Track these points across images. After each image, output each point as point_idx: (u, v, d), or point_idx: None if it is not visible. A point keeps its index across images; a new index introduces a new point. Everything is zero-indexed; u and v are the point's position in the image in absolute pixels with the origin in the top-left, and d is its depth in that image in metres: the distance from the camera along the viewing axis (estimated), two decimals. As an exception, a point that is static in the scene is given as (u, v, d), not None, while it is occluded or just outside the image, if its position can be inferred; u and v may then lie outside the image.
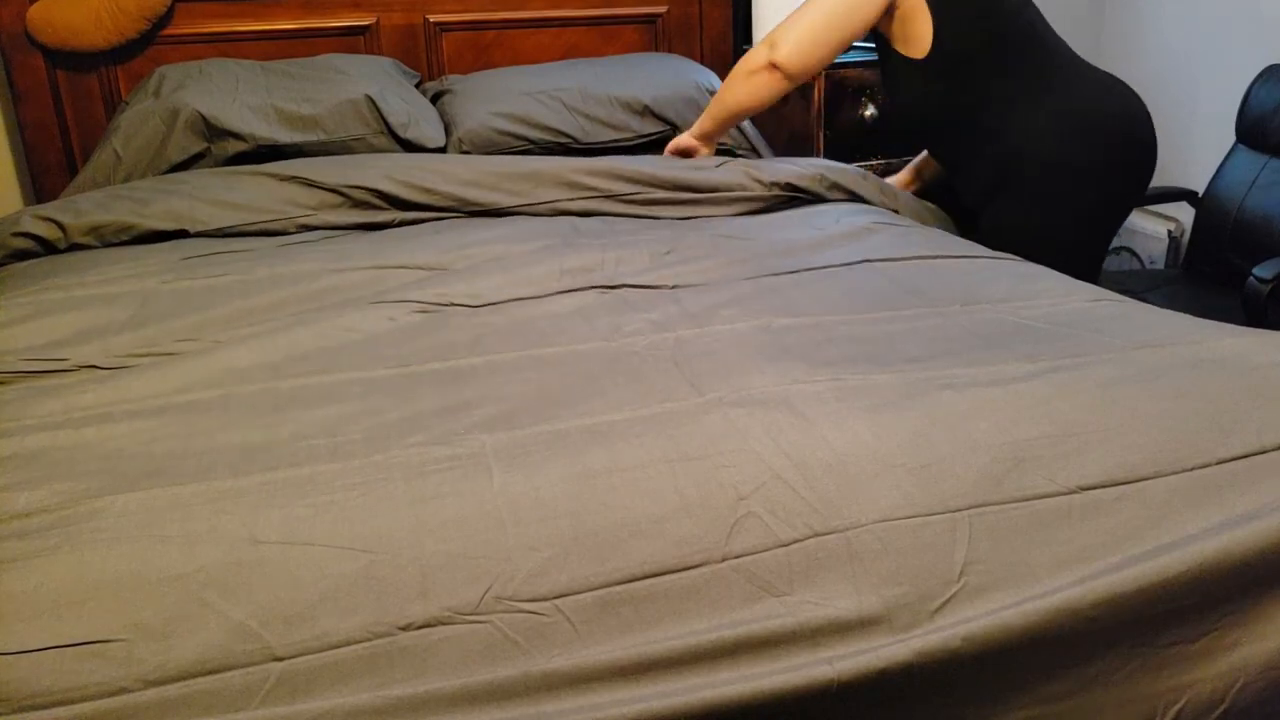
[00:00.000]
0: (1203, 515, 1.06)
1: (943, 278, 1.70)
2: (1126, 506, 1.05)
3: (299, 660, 0.88)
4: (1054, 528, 1.02)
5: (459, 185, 2.09)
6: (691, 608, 0.95)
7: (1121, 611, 0.96)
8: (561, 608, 0.93)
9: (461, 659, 0.89)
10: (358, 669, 0.88)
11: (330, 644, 0.89)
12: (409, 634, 0.90)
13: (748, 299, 1.60)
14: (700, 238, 1.93)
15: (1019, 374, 1.26)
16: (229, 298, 1.65)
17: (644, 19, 2.96)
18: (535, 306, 1.60)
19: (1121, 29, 3.35)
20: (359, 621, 0.91)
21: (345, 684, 0.88)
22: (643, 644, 0.92)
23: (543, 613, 0.92)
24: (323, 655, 0.89)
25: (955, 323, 1.47)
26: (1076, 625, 0.94)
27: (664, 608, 0.94)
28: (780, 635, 0.94)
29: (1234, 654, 0.97)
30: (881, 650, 0.91)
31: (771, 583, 0.96)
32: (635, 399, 1.22)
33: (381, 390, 1.30)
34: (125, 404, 1.29)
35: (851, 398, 1.20)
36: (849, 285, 1.66)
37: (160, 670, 0.87)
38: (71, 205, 2.04)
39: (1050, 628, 0.94)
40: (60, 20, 2.43)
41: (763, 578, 0.97)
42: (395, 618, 0.91)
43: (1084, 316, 1.49)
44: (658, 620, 0.93)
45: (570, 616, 0.92)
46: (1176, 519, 1.05)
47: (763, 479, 1.06)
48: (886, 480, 1.06)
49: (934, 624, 0.95)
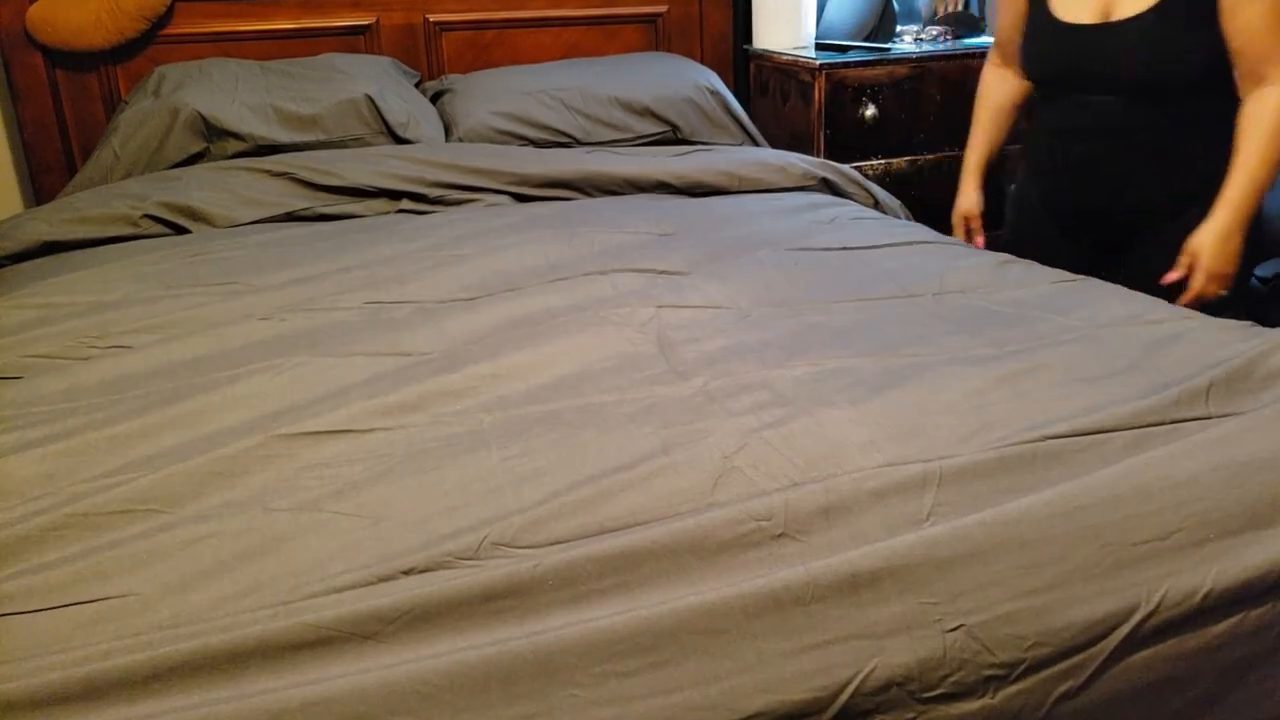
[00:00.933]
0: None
1: (915, 266, 1.76)
2: (1088, 455, 1.11)
3: (308, 602, 0.92)
4: (1019, 472, 1.09)
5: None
6: (678, 541, 0.99)
7: (1084, 520, 1.01)
8: (556, 550, 0.98)
9: (461, 591, 0.92)
10: (362, 609, 0.92)
11: (334, 587, 0.94)
12: (411, 577, 0.95)
13: (731, 288, 1.65)
14: (681, 225, 1.99)
15: (988, 355, 1.36)
16: (226, 291, 1.67)
17: (644, 19, 2.96)
18: (526, 297, 1.63)
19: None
20: (364, 568, 0.96)
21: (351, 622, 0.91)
22: (622, 542, 0.97)
23: (538, 555, 0.97)
24: (327, 598, 0.93)
25: (927, 309, 1.55)
26: (1039, 531, 0.99)
27: (653, 544, 0.98)
28: (760, 538, 0.99)
29: (1205, 548, 1.02)
30: (853, 555, 0.95)
31: (752, 511, 1.02)
32: (622, 385, 1.31)
33: (380, 377, 1.35)
34: (130, 390, 1.34)
35: (830, 379, 1.31)
36: (825, 273, 1.72)
37: (175, 619, 0.91)
38: (70, 205, 2.05)
39: (1014, 533, 0.99)
40: (60, 20, 2.43)
41: (745, 512, 1.02)
42: (399, 564, 0.97)
43: (1049, 300, 1.57)
44: (648, 555, 0.97)
45: (565, 554, 0.97)
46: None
47: (745, 442, 1.15)
48: (862, 440, 1.15)
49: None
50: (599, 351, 1.41)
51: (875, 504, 1.04)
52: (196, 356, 1.43)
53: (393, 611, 0.89)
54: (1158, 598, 0.97)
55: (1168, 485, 1.05)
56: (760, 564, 0.97)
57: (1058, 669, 0.93)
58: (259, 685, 0.84)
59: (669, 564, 0.97)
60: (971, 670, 0.91)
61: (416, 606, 0.90)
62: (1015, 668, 0.92)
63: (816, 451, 1.13)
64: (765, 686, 0.86)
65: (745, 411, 1.23)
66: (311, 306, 1.59)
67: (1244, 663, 1.01)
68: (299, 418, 1.23)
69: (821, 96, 2.68)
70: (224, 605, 0.93)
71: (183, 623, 0.91)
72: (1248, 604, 1.00)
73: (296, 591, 0.94)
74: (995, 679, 0.91)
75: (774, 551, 0.98)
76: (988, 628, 0.92)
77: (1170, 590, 0.98)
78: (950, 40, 2.97)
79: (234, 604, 0.93)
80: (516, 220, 2.03)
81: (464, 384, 1.32)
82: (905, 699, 0.89)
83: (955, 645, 0.91)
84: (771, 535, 0.99)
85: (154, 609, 0.93)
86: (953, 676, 0.90)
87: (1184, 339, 1.38)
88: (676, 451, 1.14)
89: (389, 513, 1.05)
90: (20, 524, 1.05)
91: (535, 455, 1.15)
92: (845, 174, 2.38)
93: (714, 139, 2.61)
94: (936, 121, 2.80)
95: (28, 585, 0.96)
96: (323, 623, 0.88)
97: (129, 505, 1.07)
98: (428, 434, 1.20)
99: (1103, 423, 1.16)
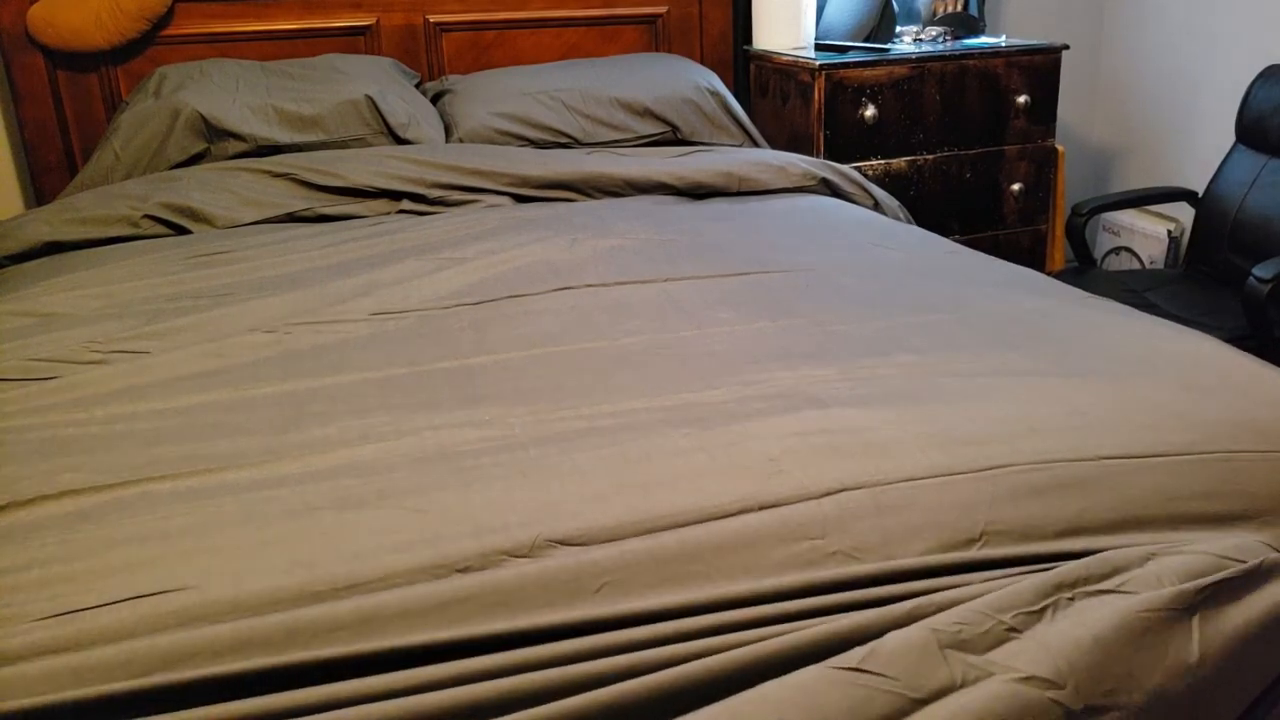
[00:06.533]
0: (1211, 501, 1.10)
1: (932, 275, 1.73)
2: (1143, 479, 1.10)
3: (366, 598, 0.92)
4: (1072, 492, 1.08)
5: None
6: (731, 546, 0.99)
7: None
8: (610, 547, 0.98)
9: (519, 590, 0.93)
10: (420, 602, 0.92)
11: (392, 583, 0.94)
12: (467, 575, 0.95)
13: (739, 298, 1.63)
14: (684, 229, 1.98)
15: (1021, 366, 1.33)
16: (234, 297, 1.66)
17: (644, 19, 2.96)
18: (531, 304, 1.62)
19: (1122, 29, 3.35)
20: (417, 563, 0.96)
21: (409, 619, 0.91)
22: (685, 576, 0.97)
23: (592, 552, 0.97)
24: (384, 595, 0.93)
25: (949, 319, 1.51)
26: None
27: (705, 545, 0.99)
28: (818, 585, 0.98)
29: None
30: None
31: (806, 527, 1.01)
32: (649, 393, 1.29)
33: (397, 387, 1.34)
34: (148, 399, 1.33)
35: (863, 386, 1.28)
36: (840, 284, 1.69)
37: (234, 607, 0.91)
38: (71, 205, 2.05)
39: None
40: (60, 20, 2.43)
41: (797, 522, 1.02)
42: (454, 560, 0.96)
43: (1075, 317, 1.53)
44: (700, 556, 0.98)
45: (620, 553, 0.97)
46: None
47: (789, 444, 1.13)
48: (909, 446, 1.12)
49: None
50: (621, 361, 1.39)
51: (927, 521, 1.03)
52: (207, 370, 1.42)
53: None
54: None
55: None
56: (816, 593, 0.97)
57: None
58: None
59: (723, 564, 0.97)
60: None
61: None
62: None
63: (863, 454, 1.11)
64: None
65: (783, 414, 1.20)
66: (316, 319, 1.57)
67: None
68: (323, 428, 1.23)
69: (821, 97, 2.69)
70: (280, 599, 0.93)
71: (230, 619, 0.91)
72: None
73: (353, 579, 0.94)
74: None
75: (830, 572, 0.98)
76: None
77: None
78: (950, 41, 2.97)
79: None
80: (517, 221, 2.02)
81: (484, 391, 1.31)
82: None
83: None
84: (826, 553, 0.99)
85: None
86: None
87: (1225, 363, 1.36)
88: (719, 453, 1.12)
89: (434, 506, 1.05)
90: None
91: (575, 455, 1.13)
92: (845, 174, 2.39)
93: (714, 139, 2.61)
94: (936, 122, 2.80)
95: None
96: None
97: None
98: (458, 436, 1.19)
99: (1154, 447, 1.14)
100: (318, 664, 0.87)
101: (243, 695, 0.85)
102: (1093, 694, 0.90)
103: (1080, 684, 0.89)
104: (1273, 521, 1.12)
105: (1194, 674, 0.95)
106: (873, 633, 0.92)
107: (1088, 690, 0.90)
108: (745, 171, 2.30)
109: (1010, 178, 2.93)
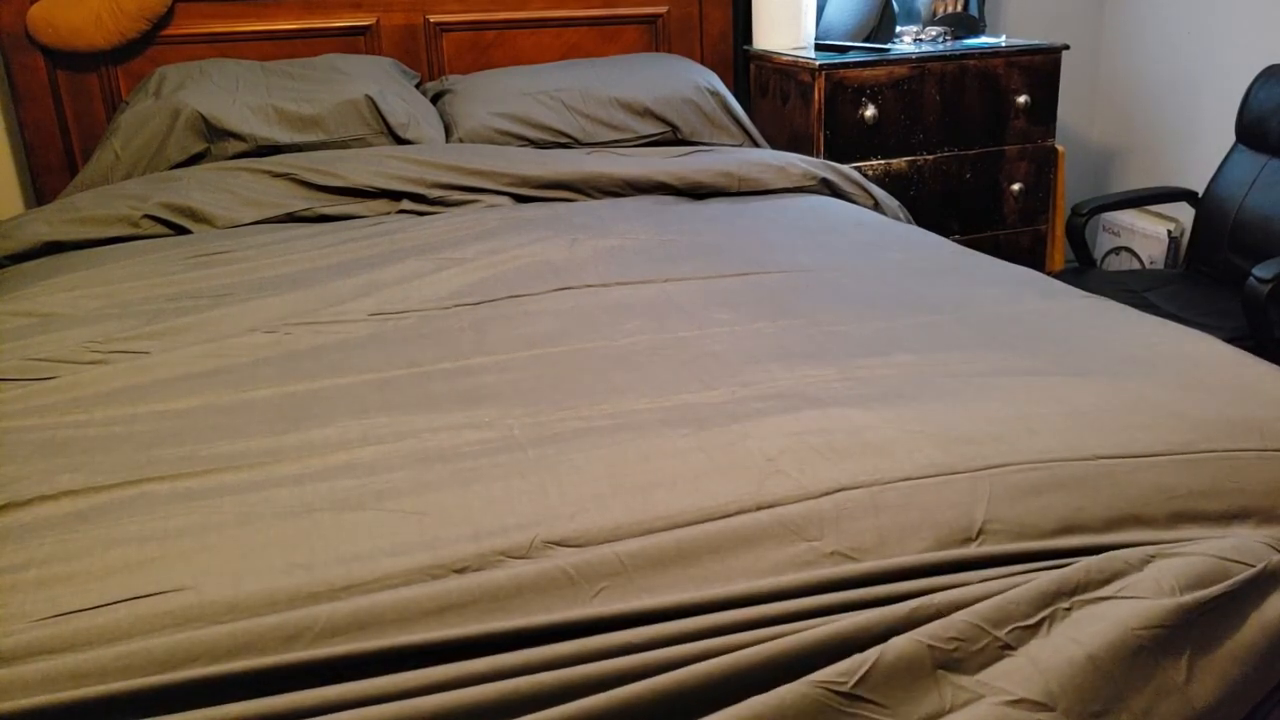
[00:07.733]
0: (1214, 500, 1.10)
1: (931, 275, 1.73)
2: (1141, 478, 1.10)
3: (364, 599, 0.92)
4: (1070, 490, 1.08)
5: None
6: (729, 547, 0.99)
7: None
8: (607, 548, 0.98)
9: (516, 592, 0.93)
10: (417, 604, 0.92)
11: (389, 585, 0.94)
12: (464, 576, 0.95)
13: (738, 298, 1.63)
14: (683, 229, 1.98)
15: (1020, 366, 1.33)
16: (233, 298, 1.66)
17: (644, 19, 2.96)
18: (531, 304, 1.62)
19: (1122, 29, 3.35)
20: (415, 564, 0.96)
21: (406, 621, 0.91)
22: (685, 579, 0.96)
23: (590, 553, 0.97)
24: (381, 595, 0.92)
25: (948, 319, 1.52)
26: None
27: (703, 546, 0.99)
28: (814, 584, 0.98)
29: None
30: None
31: (803, 528, 1.01)
32: (649, 394, 1.29)
33: (396, 388, 1.34)
34: (147, 399, 1.33)
35: (861, 386, 1.28)
36: (839, 284, 1.69)
37: (232, 608, 0.91)
38: (71, 205, 2.05)
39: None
40: (60, 20, 2.43)
41: (795, 522, 1.02)
42: (450, 561, 0.96)
43: (1075, 317, 1.53)
44: (698, 558, 0.98)
45: (616, 554, 0.97)
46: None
47: (787, 445, 1.14)
48: (906, 445, 1.12)
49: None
50: (621, 361, 1.39)
51: (924, 519, 1.03)
52: (206, 371, 1.42)
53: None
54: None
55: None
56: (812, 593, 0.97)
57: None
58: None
59: (721, 564, 0.97)
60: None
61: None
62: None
63: (861, 454, 1.12)
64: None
65: (783, 414, 1.21)
66: (316, 319, 1.58)
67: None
68: (322, 429, 1.23)
69: (821, 97, 2.68)
70: (276, 599, 0.93)
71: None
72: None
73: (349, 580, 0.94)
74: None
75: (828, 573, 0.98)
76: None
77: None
78: (950, 41, 2.97)
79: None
80: (517, 221, 2.02)
81: (483, 392, 1.31)
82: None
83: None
84: (824, 553, 1.00)
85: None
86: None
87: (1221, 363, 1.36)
88: (717, 454, 1.12)
89: (431, 508, 1.05)
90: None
91: (573, 456, 1.13)
92: (845, 174, 2.39)
93: (714, 139, 2.61)
94: (936, 122, 2.80)
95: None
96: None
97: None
98: (457, 438, 1.19)
99: (1152, 446, 1.14)
100: (315, 665, 0.87)
101: (240, 696, 0.84)
102: (1081, 715, 0.90)
103: (1070, 706, 0.90)
104: (1272, 520, 1.12)
105: (1184, 694, 0.94)
106: (873, 634, 0.92)
107: (1077, 712, 0.90)
108: (745, 171, 2.30)
109: (1010, 178, 2.93)
